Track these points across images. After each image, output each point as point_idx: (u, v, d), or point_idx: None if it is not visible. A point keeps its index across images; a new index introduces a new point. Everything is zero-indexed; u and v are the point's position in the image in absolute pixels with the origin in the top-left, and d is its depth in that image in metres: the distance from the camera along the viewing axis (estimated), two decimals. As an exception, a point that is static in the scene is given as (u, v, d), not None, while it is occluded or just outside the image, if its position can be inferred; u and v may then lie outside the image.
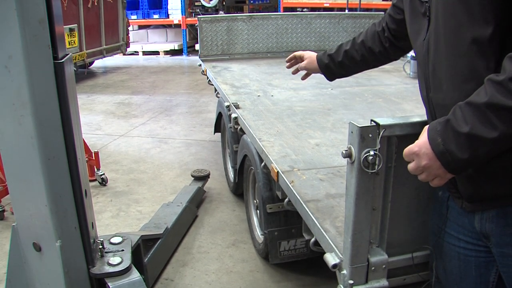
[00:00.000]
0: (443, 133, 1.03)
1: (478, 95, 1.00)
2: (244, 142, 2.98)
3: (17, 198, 1.79)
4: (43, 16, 1.59)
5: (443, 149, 1.03)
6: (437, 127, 1.05)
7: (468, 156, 1.00)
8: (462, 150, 1.00)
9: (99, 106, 7.02)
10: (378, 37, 1.73)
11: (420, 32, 1.27)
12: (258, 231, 3.02)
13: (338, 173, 2.04)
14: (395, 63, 4.60)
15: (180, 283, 2.78)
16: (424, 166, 1.07)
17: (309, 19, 5.02)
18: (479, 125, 0.97)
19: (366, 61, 1.80)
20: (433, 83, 1.22)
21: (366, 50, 1.77)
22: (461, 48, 1.10)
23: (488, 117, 0.97)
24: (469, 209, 1.22)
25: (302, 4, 11.68)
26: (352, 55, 1.80)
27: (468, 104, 1.01)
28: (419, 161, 1.08)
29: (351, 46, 1.81)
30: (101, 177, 4.14)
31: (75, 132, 1.79)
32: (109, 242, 2.16)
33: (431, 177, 1.09)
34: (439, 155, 1.04)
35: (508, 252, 1.16)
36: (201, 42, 4.82)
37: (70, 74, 1.77)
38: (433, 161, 1.05)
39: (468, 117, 0.99)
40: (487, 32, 1.05)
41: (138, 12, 12.26)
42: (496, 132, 0.96)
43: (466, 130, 0.99)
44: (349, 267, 1.34)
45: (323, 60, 1.90)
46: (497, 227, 1.17)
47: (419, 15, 1.28)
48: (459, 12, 1.09)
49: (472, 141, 0.99)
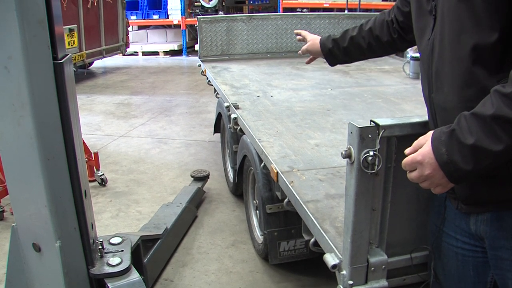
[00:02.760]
0: (447, 144, 1.02)
1: (484, 106, 0.98)
2: (244, 143, 2.98)
3: (17, 198, 1.79)
4: (42, 17, 1.59)
5: (447, 160, 1.02)
6: (441, 137, 1.03)
7: (472, 168, 1.00)
8: (466, 161, 0.99)
9: (98, 107, 7.02)
10: (387, 27, 1.69)
11: (426, 30, 1.25)
12: (258, 231, 3.02)
13: (337, 174, 2.04)
14: (395, 64, 4.62)
15: (179, 284, 2.77)
16: (427, 176, 1.06)
17: (308, 19, 5.02)
18: (484, 137, 0.97)
19: (372, 49, 1.76)
20: (435, 84, 1.21)
21: (373, 38, 1.73)
22: (463, 53, 1.09)
23: (494, 130, 0.96)
24: (464, 211, 1.22)
25: (301, 5, 11.68)
26: (358, 42, 1.76)
27: (473, 115, 0.99)
28: (422, 170, 1.07)
29: (357, 32, 1.76)
30: (100, 178, 4.14)
31: (74, 133, 1.79)
32: (108, 242, 2.16)
33: (434, 186, 1.08)
34: (443, 166, 1.03)
35: (501, 255, 1.16)
36: (200, 43, 4.82)
37: (69, 74, 1.77)
38: (436, 171, 1.04)
39: (473, 129, 0.98)
40: (491, 39, 1.04)
41: (137, 12, 12.25)
42: (501, 145, 0.95)
43: (471, 142, 0.98)
44: (349, 268, 1.34)
45: (327, 45, 1.85)
46: (491, 230, 1.17)
47: (426, 13, 1.25)
48: (464, 17, 1.08)
49: (477, 153, 0.98)
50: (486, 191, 1.14)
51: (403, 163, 1.11)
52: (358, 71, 4.26)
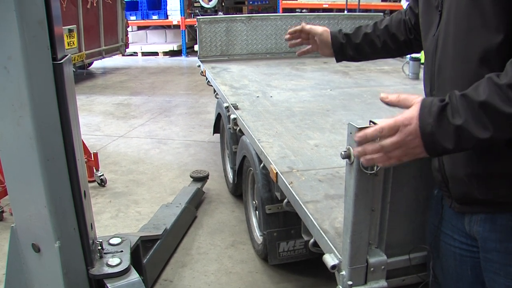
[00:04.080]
0: (436, 116, 0.98)
1: (476, 91, 0.97)
2: (243, 143, 2.98)
3: (16, 199, 1.79)
4: (42, 17, 1.59)
5: (430, 131, 0.99)
6: (432, 107, 1.00)
7: (452, 148, 0.98)
8: (449, 139, 0.98)
9: (98, 107, 7.02)
10: (404, 26, 1.62)
11: (431, 26, 1.23)
12: (257, 232, 3.02)
13: (337, 174, 2.04)
14: (394, 64, 4.62)
15: (179, 284, 2.77)
16: (404, 141, 1.02)
17: (308, 20, 5.02)
18: (472, 122, 0.95)
19: (386, 48, 1.67)
20: (437, 82, 1.20)
21: (389, 37, 1.65)
22: (468, 53, 1.08)
23: (481, 117, 0.95)
24: (458, 210, 1.22)
25: (301, 5, 11.69)
26: (372, 39, 1.67)
27: (464, 97, 0.98)
28: (401, 135, 1.01)
29: (372, 30, 1.67)
30: (100, 178, 4.14)
31: (74, 133, 1.79)
32: (108, 243, 2.16)
33: (404, 154, 1.04)
34: (424, 135, 0.99)
35: (491, 258, 1.16)
36: (200, 43, 4.82)
37: (69, 75, 1.77)
38: (415, 138, 1.00)
39: (461, 110, 0.97)
40: (497, 40, 1.02)
41: (137, 13, 12.25)
42: (487, 133, 0.94)
43: (458, 123, 0.96)
44: (348, 268, 1.34)
45: (339, 39, 1.72)
46: (483, 232, 1.16)
47: (432, 8, 1.23)
48: (472, 15, 1.06)
49: (461, 135, 0.96)
50: (481, 192, 1.14)
51: (382, 126, 1.04)
52: (358, 71, 4.26)
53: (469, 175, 1.14)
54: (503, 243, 1.13)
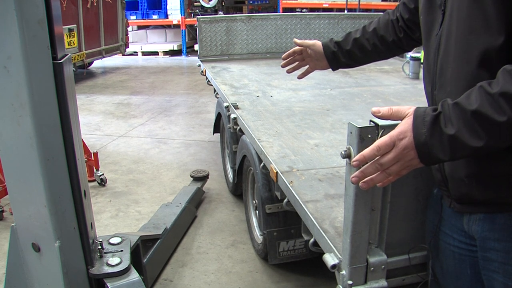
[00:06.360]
0: (430, 126, 0.98)
1: (468, 99, 0.97)
2: (243, 143, 2.98)
3: (16, 198, 1.79)
4: (42, 17, 1.59)
5: (424, 141, 0.99)
6: (425, 117, 1.00)
7: (448, 158, 0.99)
8: (443, 149, 0.98)
9: (98, 107, 7.02)
10: (392, 26, 1.64)
11: (434, 25, 1.22)
12: (257, 231, 3.02)
13: (337, 174, 2.04)
14: (395, 64, 4.62)
15: (179, 284, 2.78)
16: (401, 154, 1.02)
17: (308, 19, 5.02)
18: (464, 131, 0.96)
19: (377, 50, 1.69)
20: (438, 82, 1.20)
21: (378, 39, 1.67)
22: (469, 53, 1.08)
23: (474, 126, 0.95)
24: (457, 209, 1.22)
25: (301, 5, 11.69)
26: (362, 44, 1.70)
27: (456, 106, 0.98)
28: (397, 150, 1.01)
29: (361, 34, 1.70)
30: (100, 178, 4.14)
31: (74, 133, 1.79)
32: (108, 242, 2.16)
33: (402, 168, 1.04)
34: (419, 146, 1.00)
35: (490, 257, 1.16)
36: (200, 43, 4.82)
37: (69, 74, 1.77)
38: (410, 150, 1.01)
39: (454, 119, 0.97)
40: (498, 42, 1.02)
41: (137, 12, 12.26)
42: (480, 142, 0.95)
43: (451, 132, 0.97)
44: (348, 268, 1.34)
45: (330, 47, 1.77)
46: (482, 231, 1.16)
47: (435, 7, 1.22)
48: (474, 17, 1.05)
49: (455, 144, 0.97)
50: (480, 192, 1.14)
51: (379, 144, 1.03)
52: (358, 71, 4.26)
53: (468, 175, 1.14)
54: (501, 243, 1.13)
